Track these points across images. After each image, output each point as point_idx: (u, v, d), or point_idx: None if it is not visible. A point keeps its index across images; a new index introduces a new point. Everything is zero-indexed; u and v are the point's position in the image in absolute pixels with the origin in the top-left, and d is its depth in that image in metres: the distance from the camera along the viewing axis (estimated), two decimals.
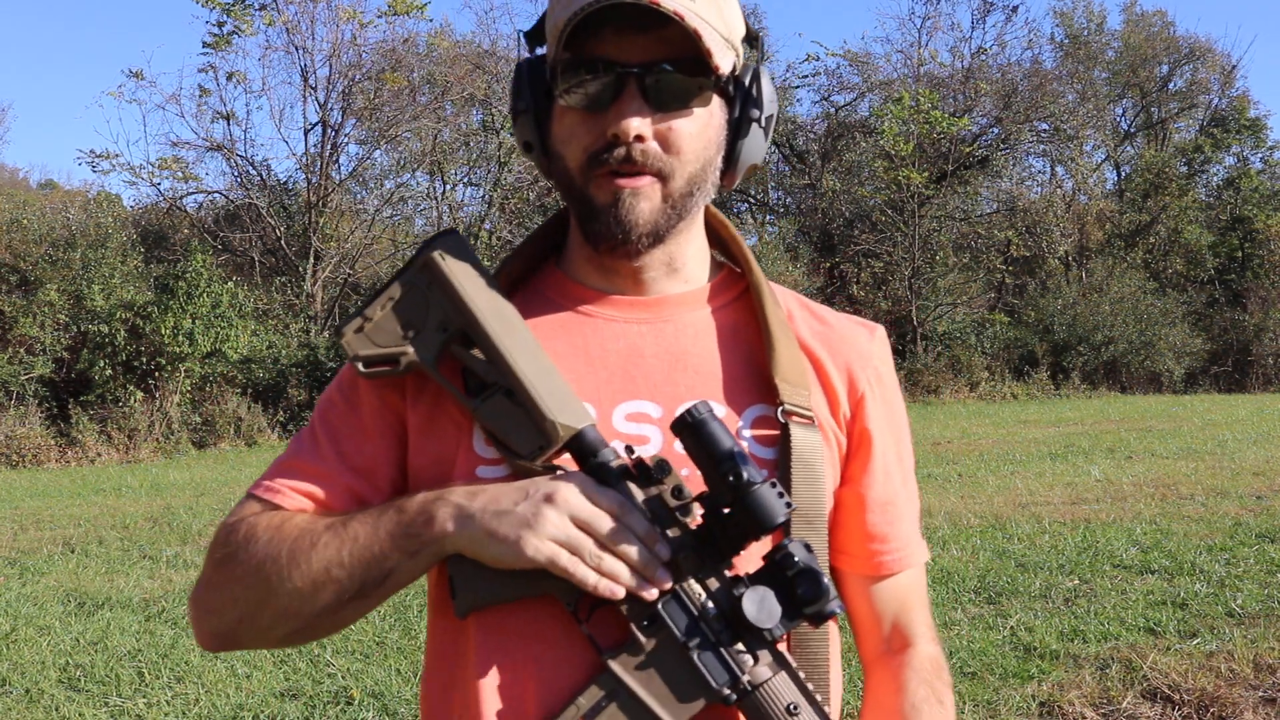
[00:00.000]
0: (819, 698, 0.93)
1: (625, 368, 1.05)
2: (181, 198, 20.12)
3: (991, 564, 5.93)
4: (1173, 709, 3.75)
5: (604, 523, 0.90)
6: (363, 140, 20.55)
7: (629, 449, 0.94)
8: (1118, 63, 30.66)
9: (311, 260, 18.53)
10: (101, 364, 15.36)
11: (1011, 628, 4.70)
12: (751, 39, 1.07)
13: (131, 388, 15.39)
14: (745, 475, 0.87)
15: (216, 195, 20.47)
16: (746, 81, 1.05)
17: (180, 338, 15.50)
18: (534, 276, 1.13)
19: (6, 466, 14.00)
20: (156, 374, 15.60)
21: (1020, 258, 26.36)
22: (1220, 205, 29.05)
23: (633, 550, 0.90)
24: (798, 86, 26.82)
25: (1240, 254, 28.19)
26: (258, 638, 0.99)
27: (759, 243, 24.95)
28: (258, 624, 0.97)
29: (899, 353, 22.74)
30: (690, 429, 0.90)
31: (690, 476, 0.94)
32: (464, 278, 0.99)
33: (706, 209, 1.11)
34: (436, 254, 0.99)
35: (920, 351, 22.54)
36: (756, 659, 0.91)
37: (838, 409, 1.08)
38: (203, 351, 15.84)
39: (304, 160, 19.26)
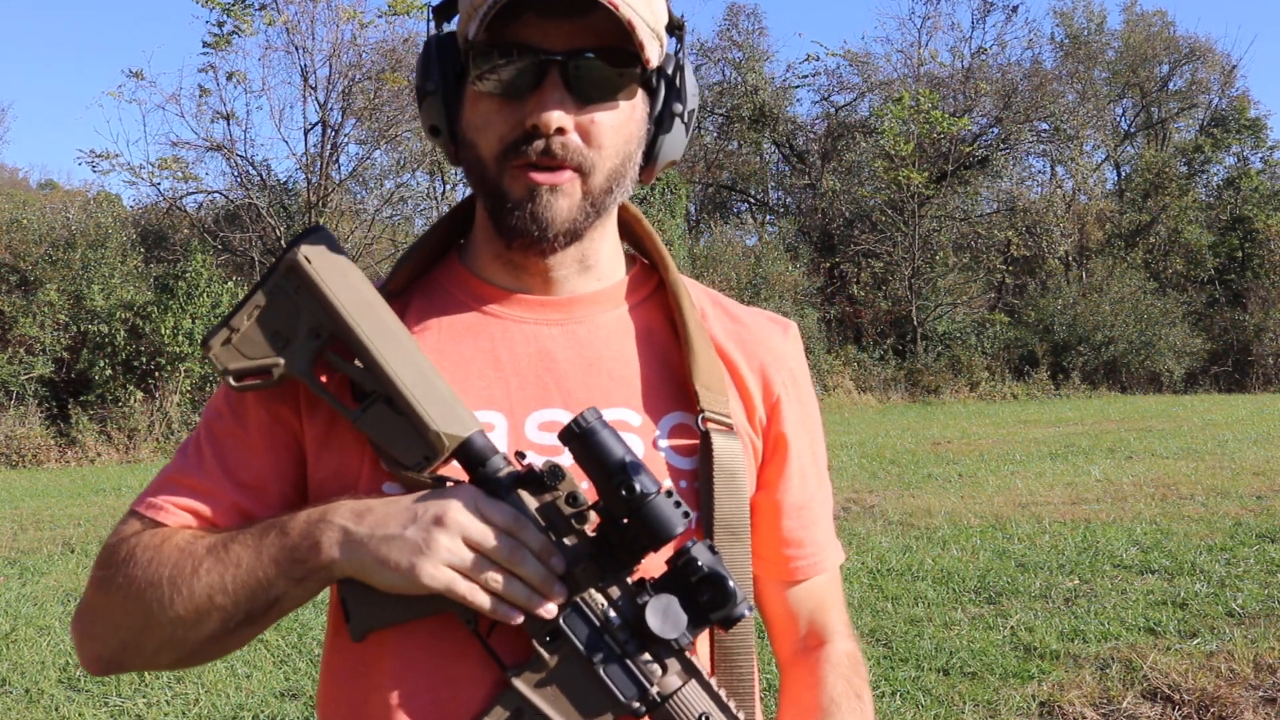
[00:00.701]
0: (732, 705, 0.90)
1: (537, 373, 0.99)
2: (181, 198, 20.09)
3: (991, 564, 5.93)
4: (1173, 709, 3.75)
5: (497, 541, 0.85)
6: (363, 140, 20.54)
7: (520, 455, 0.90)
8: (1118, 63, 30.65)
9: None
10: (101, 364, 15.35)
11: (1011, 628, 4.69)
12: (675, 26, 1.00)
13: (131, 388, 15.38)
14: (639, 487, 0.83)
15: (216, 195, 20.43)
16: (670, 72, 0.99)
17: (180, 338, 15.49)
18: (435, 269, 1.06)
19: (6, 466, 14.00)
20: (156, 374, 15.59)
21: (1020, 258, 26.35)
22: (1220, 205, 29.04)
23: (528, 568, 0.85)
24: (798, 86, 26.86)
25: (1240, 254, 28.18)
26: (144, 662, 0.94)
27: (759, 242, 24.96)
28: (143, 650, 0.92)
29: (899, 352, 22.74)
30: (579, 439, 0.85)
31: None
32: (333, 279, 0.93)
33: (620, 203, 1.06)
34: (301, 255, 0.93)
35: (920, 351, 22.54)
36: (665, 668, 0.88)
37: (754, 414, 1.04)
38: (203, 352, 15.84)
39: (304, 160, 19.24)
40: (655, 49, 0.95)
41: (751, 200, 28.85)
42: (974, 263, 25.36)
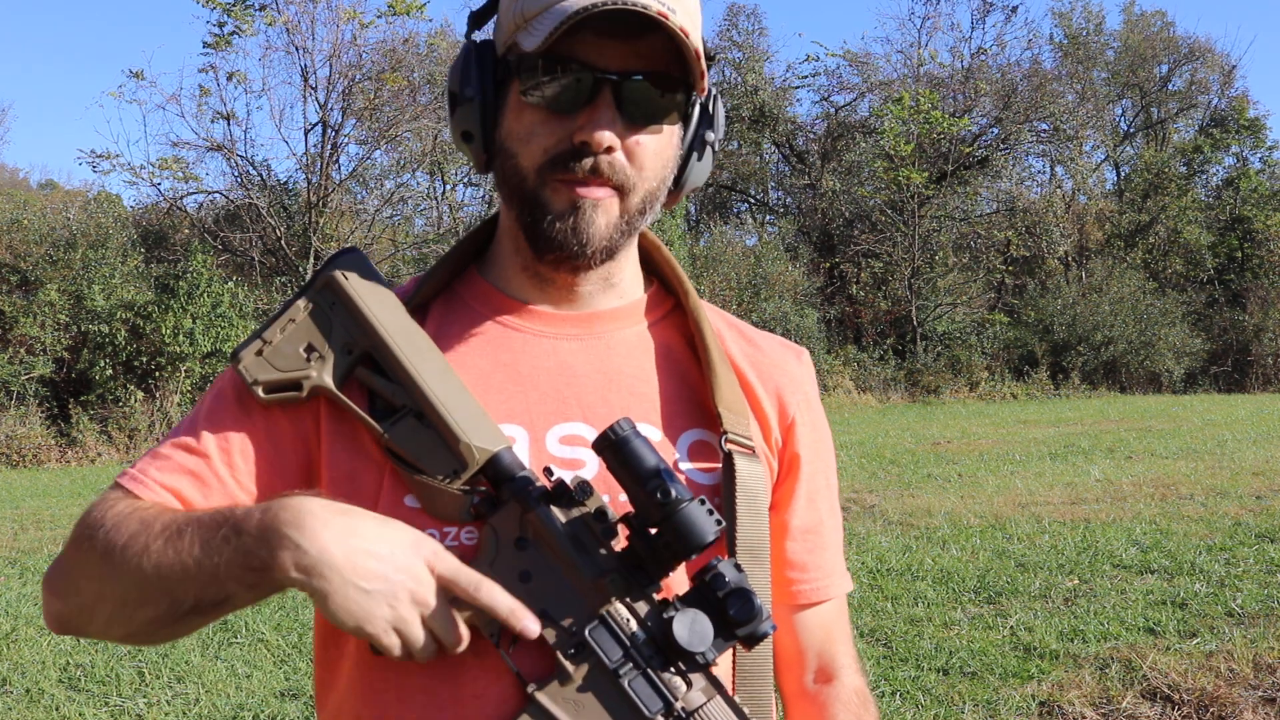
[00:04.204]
0: None
1: (557, 387, 1.00)
2: (182, 198, 20.08)
3: (991, 564, 5.94)
4: (1172, 709, 3.76)
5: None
6: (363, 140, 20.52)
7: (548, 471, 0.90)
8: (1117, 63, 30.63)
9: (312, 260, 18.47)
10: (102, 364, 15.36)
11: (1011, 628, 4.70)
12: (709, 58, 1.01)
13: (132, 388, 15.38)
14: (674, 492, 0.83)
15: (217, 195, 20.42)
16: (705, 101, 1.01)
17: (180, 338, 15.50)
18: (456, 283, 1.07)
19: (6, 466, 13.99)
20: (157, 374, 15.59)
21: (1020, 258, 26.36)
22: (1220, 205, 29.03)
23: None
24: (798, 86, 26.85)
25: (1240, 254, 28.18)
26: (97, 631, 0.92)
27: (759, 243, 24.95)
28: (95, 619, 0.91)
29: (899, 352, 22.74)
30: (613, 447, 0.86)
31: (625, 503, 0.89)
32: (369, 298, 0.95)
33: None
34: (339, 273, 0.96)
35: (920, 351, 22.54)
36: (690, 684, 0.88)
37: (770, 434, 1.05)
38: (203, 351, 15.83)
39: (304, 160, 19.24)
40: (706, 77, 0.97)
41: (751, 200, 28.85)
42: (974, 263, 25.36)
